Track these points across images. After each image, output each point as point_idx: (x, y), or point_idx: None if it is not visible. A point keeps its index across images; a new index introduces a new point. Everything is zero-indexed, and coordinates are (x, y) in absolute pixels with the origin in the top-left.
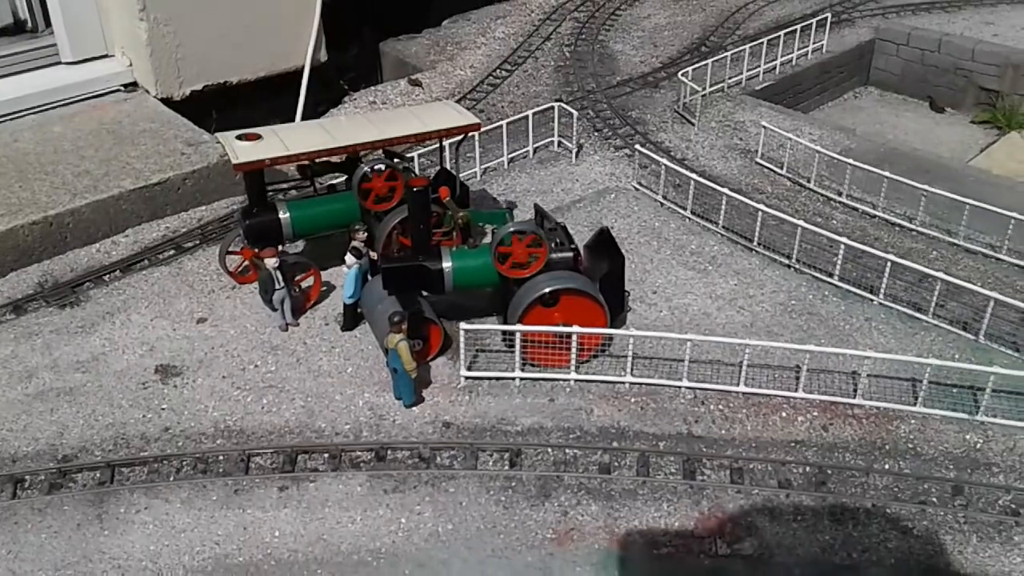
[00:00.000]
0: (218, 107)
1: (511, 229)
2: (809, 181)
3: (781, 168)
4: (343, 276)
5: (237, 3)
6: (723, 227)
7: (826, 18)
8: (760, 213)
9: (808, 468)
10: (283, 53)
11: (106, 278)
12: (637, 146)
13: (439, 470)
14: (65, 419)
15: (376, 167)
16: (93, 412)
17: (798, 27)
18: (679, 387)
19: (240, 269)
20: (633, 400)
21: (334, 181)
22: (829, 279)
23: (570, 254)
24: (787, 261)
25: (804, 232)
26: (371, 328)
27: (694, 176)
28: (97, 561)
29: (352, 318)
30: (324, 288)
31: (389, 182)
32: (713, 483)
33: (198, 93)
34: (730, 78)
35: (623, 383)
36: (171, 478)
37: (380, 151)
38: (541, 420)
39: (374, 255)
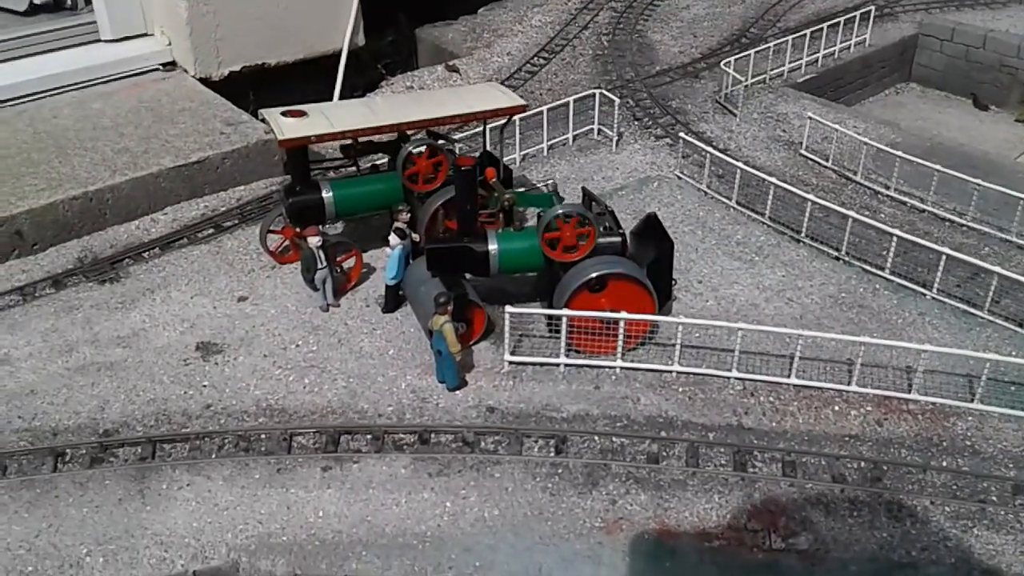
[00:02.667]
0: (255, 89)
1: (560, 211)
2: (856, 174)
3: (827, 160)
4: (384, 258)
5: None
6: (770, 217)
7: (869, 11)
8: (809, 204)
9: (863, 463)
10: (321, 36)
11: (145, 255)
12: (681, 134)
13: (484, 455)
14: (106, 393)
15: (421, 147)
16: (134, 387)
17: (841, 19)
18: (728, 378)
19: (280, 249)
20: (681, 390)
21: (377, 162)
22: (880, 272)
23: (618, 239)
24: (836, 253)
25: (853, 224)
26: (413, 310)
27: (740, 165)
28: (139, 536)
29: (394, 300)
30: (365, 270)
31: (434, 162)
32: (765, 476)
33: (236, 74)
34: (772, 70)
35: (670, 372)
36: (213, 455)
37: (424, 131)
38: (587, 407)
39: (417, 237)
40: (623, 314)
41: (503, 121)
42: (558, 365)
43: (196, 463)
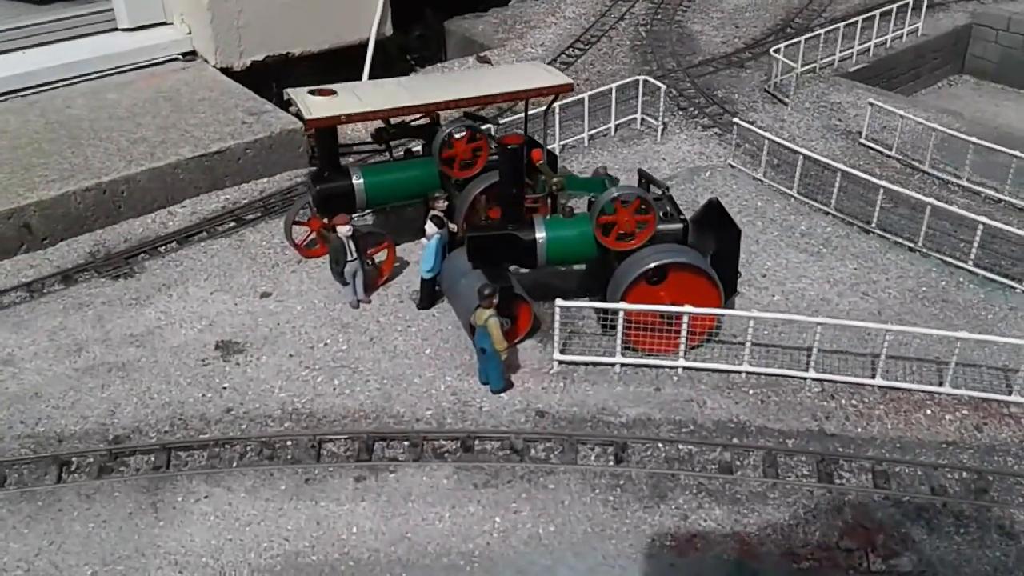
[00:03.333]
0: (279, 80)
1: (615, 194)
2: (923, 163)
3: (890, 149)
4: (419, 251)
5: None
6: (835, 207)
7: None
8: (880, 192)
9: (965, 473)
10: (348, 25)
11: (162, 249)
12: (736, 119)
13: (535, 464)
14: (117, 396)
15: (459, 130)
16: (148, 390)
17: (894, 6)
18: (804, 379)
19: (307, 242)
20: (752, 392)
21: (412, 147)
22: (963, 264)
23: (680, 225)
24: (911, 244)
25: (925, 215)
26: (452, 305)
27: (803, 151)
28: (151, 556)
29: (430, 295)
30: (398, 263)
31: (473, 147)
32: (854, 487)
33: (259, 64)
34: (822, 59)
35: (739, 372)
36: (234, 464)
37: (463, 113)
38: (647, 411)
39: (454, 227)
40: (688, 308)
41: (547, 103)
42: (613, 365)
43: (215, 473)
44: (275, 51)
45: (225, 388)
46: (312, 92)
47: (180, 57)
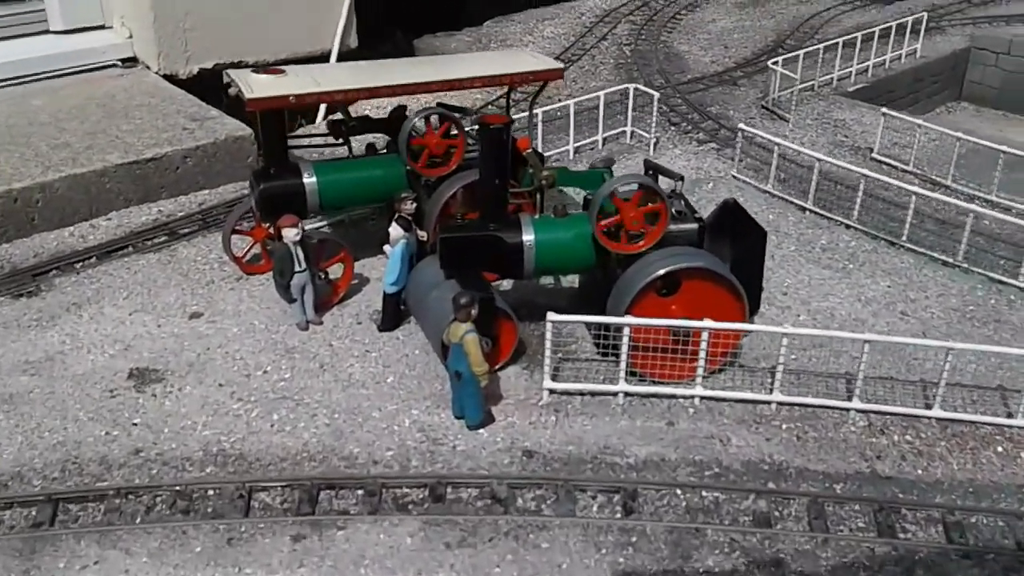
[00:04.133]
0: (229, 92)
1: (617, 186)
2: (945, 178)
3: (907, 165)
4: (380, 267)
5: None
6: (857, 220)
7: (921, 17)
8: (913, 199)
9: None
10: (308, 34)
11: (78, 265)
12: (741, 125)
13: (523, 516)
14: None
15: (431, 118)
16: (38, 427)
17: (893, 24)
18: (847, 410)
19: (248, 256)
20: (784, 427)
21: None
22: (1012, 281)
23: (694, 225)
24: (949, 259)
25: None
26: (420, 324)
27: (820, 156)
28: None
29: (394, 313)
30: (355, 281)
31: (448, 141)
32: (924, 543)
33: (207, 72)
34: (820, 77)
35: (768, 403)
36: (137, 520)
37: (436, 103)
38: (660, 450)
39: (423, 235)
40: (709, 323)
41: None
42: (616, 394)
43: (111, 531)
44: (225, 59)
45: (135, 425)
46: (256, 71)
47: (119, 63)
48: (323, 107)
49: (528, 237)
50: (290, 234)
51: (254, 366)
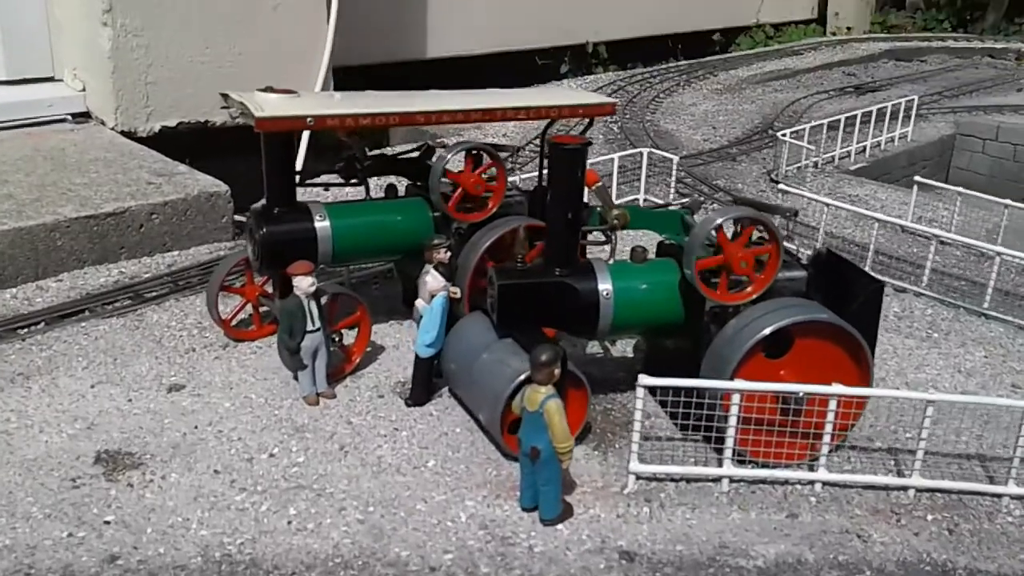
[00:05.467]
0: (193, 154)
1: (718, 220)
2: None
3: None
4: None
5: (231, 23)
6: (927, 285)
7: (912, 100)
8: (998, 260)
9: None
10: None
11: (22, 331)
12: (781, 184)
13: None
14: None
15: (472, 152)
16: None
17: (888, 107)
18: (999, 495)
19: (236, 320)
20: (930, 518)
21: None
22: None
23: (803, 273)
24: None
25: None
26: (461, 396)
27: (880, 216)
28: None
29: (426, 382)
30: (369, 348)
31: (486, 181)
32: None
33: (170, 131)
34: (823, 155)
35: (904, 489)
36: None
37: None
38: (792, 549)
39: (456, 291)
40: (839, 388)
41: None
42: (719, 480)
43: None
44: (191, 117)
45: (107, 523)
46: (263, 90)
47: (70, 118)
48: (306, 135)
49: (605, 286)
50: (304, 284)
51: (256, 448)
